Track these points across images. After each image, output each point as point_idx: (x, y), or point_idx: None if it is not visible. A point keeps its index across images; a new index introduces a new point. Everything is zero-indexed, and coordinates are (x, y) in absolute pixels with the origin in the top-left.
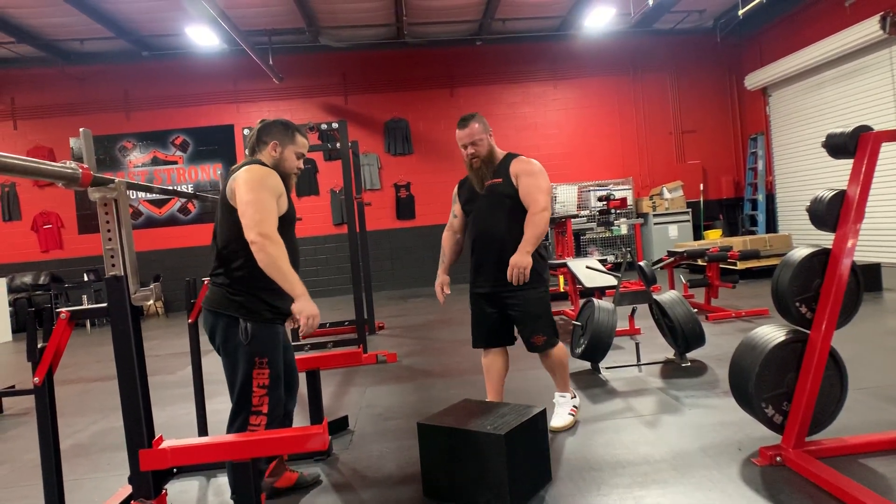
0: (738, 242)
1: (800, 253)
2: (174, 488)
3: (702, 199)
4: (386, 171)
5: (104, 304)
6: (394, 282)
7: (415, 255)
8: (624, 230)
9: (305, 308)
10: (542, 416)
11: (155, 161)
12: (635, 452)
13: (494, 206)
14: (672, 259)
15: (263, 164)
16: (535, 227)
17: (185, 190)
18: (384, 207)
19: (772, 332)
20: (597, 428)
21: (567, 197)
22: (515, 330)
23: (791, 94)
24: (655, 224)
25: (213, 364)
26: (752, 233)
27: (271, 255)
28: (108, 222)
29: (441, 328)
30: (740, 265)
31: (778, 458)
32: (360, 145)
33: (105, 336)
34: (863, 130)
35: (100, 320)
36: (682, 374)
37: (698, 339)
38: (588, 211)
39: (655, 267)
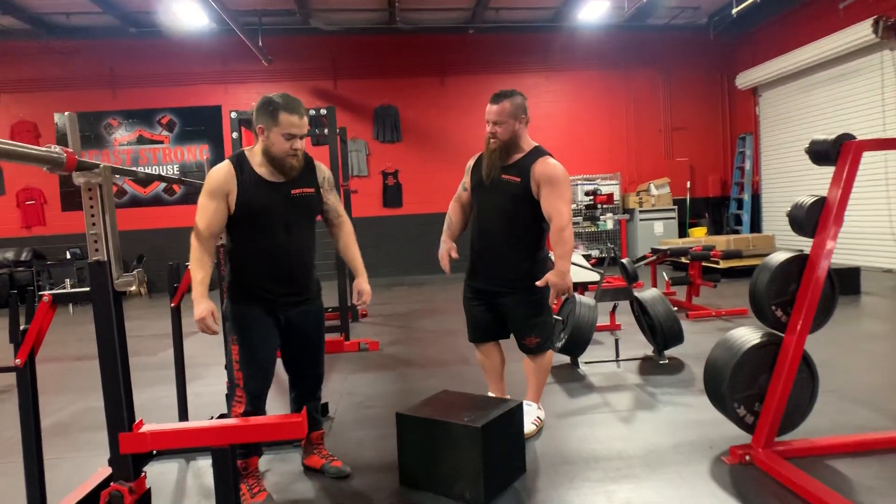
0: (721, 241)
1: (778, 257)
2: (154, 470)
3: (688, 197)
4: (374, 158)
5: (87, 289)
6: (378, 269)
7: (401, 244)
8: (610, 225)
9: (194, 312)
10: (519, 410)
11: (140, 140)
12: (609, 447)
13: (506, 206)
14: (655, 257)
15: (241, 154)
16: (564, 245)
17: (172, 170)
18: (371, 195)
19: (747, 335)
20: (573, 422)
21: None
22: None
23: (781, 94)
24: (641, 220)
25: (194, 346)
26: (737, 232)
27: (190, 257)
28: (92, 207)
29: (424, 317)
30: (723, 264)
31: (747, 458)
32: (348, 131)
33: (87, 315)
34: (846, 138)
35: (82, 300)
36: (660, 372)
37: (677, 338)
38: (575, 205)
39: (639, 264)
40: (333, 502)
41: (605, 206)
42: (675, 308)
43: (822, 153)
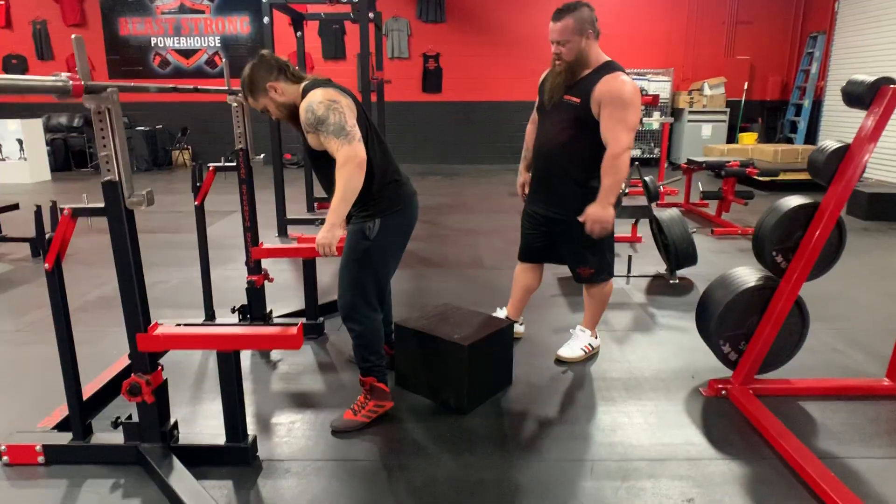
0: (769, 151)
1: (788, 203)
2: (175, 356)
3: (743, 99)
4: (415, 39)
5: (101, 205)
6: (415, 157)
7: (439, 131)
8: (656, 126)
9: None
10: (509, 329)
11: (182, 9)
12: (596, 368)
13: (564, 127)
14: (681, 177)
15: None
16: (615, 174)
17: (213, 42)
18: (410, 78)
19: (746, 276)
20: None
21: None
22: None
23: None
24: (689, 122)
25: (229, 227)
26: (790, 141)
27: None
28: (102, 129)
29: (451, 213)
30: (764, 178)
31: (723, 392)
32: (390, 8)
33: (139, 183)
34: (885, 82)
35: (131, 166)
36: (667, 292)
37: (690, 259)
38: None
39: (670, 181)
40: (334, 394)
41: (650, 106)
42: (694, 230)
43: (855, 96)
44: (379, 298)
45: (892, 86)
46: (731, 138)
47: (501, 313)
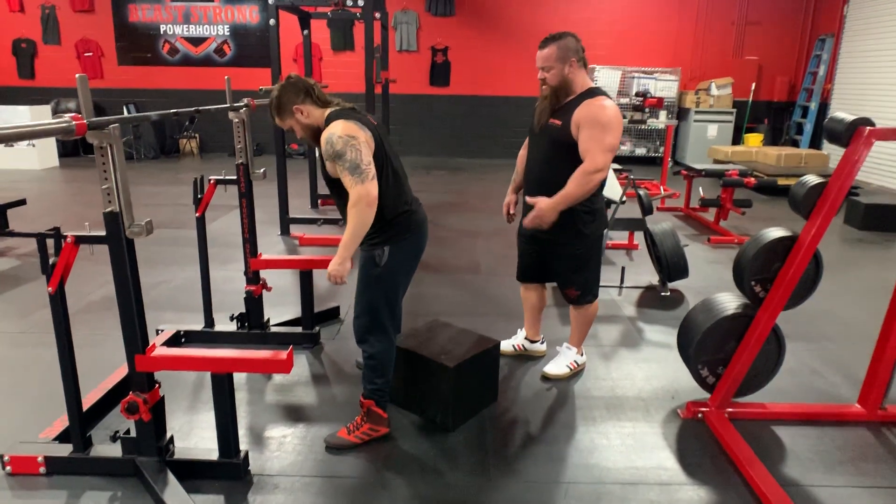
0: (772, 155)
1: (769, 235)
2: None
3: (750, 100)
4: (424, 32)
5: (103, 233)
6: (421, 150)
7: (444, 124)
8: (661, 126)
9: None
10: (496, 349)
11: None
12: (580, 385)
13: (548, 149)
14: (673, 192)
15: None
16: (578, 187)
17: (222, 31)
18: (418, 71)
19: (727, 302)
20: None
21: (609, 82)
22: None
23: None
24: (695, 121)
25: (229, 224)
26: (796, 143)
27: None
28: (104, 164)
29: (452, 213)
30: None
31: (700, 415)
32: (399, 0)
33: (146, 172)
34: (861, 123)
35: (139, 154)
36: (657, 305)
37: (681, 272)
38: (628, 100)
39: (667, 194)
40: (326, 408)
41: (653, 108)
42: (686, 244)
43: (835, 133)
44: (392, 319)
45: (867, 127)
46: (737, 139)
47: (521, 334)
